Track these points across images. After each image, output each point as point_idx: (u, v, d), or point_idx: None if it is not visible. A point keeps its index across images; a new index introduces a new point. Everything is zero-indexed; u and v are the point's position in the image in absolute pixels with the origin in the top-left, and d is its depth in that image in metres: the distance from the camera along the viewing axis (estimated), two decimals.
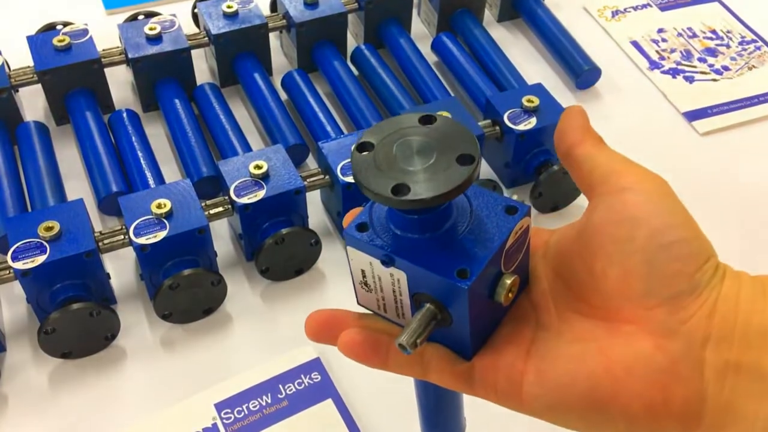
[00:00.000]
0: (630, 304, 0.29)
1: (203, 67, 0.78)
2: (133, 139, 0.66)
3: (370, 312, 0.34)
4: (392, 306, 0.32)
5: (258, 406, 0.51)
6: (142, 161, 0.64)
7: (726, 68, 0.80)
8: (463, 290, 0.28)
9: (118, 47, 0.71)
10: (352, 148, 0.30)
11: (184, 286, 0.54)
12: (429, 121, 0.30)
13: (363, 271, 0.32)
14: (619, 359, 0.28)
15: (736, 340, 0.28)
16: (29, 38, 0.69)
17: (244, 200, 0.56)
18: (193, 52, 0.73)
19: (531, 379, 0.30)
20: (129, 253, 0.60)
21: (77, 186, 0.66)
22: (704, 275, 0.28)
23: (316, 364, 0.54)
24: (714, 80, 0.79)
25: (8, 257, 0.51)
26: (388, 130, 0.30)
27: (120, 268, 0.60)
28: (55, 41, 0.68)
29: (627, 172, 0.31)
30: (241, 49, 0.73)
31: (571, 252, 0.31)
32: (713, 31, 0.85)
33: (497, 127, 0.64)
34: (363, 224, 0.31)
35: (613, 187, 0.30)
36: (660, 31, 0.85)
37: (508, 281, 0.30)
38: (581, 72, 0.75)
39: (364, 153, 0.29)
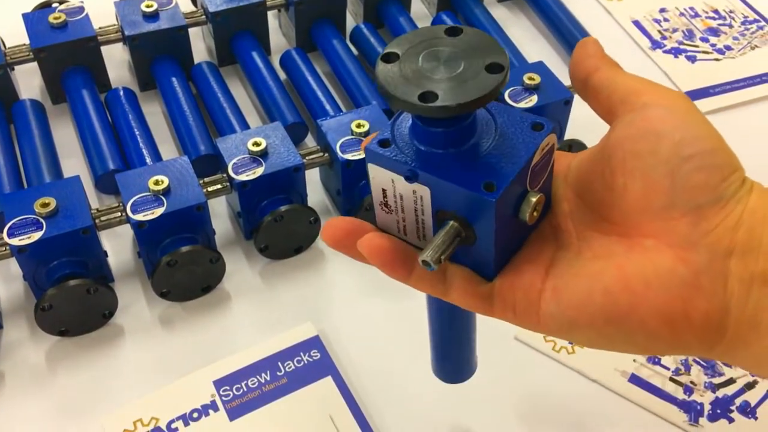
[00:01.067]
0: (651, 217, 0.29)
1: (201, 47, 0.77)
2: (130, 117, 0.66)
3: None
4: (413, 227, 0.32)
5: (257, 384, 0.51)
6: (139, 139, 0.64)
7: (728, 48, 0.79)
8: (490, 203, 0.28)
9: (114, 25, 0.70)
10: (378, 58, 0.29)
11: (183, 263, 0.53)
12: (456, 32, 0.29)
13: (384, 191, 0.31)
14: (638, 273, 0.28)
15: (762, 252, 0.27)
16: (25, 15, 0.68)
17: (243, 177, 0.55)
18: (191, 31, 0.72)
19: (548, 297, 0.29)
20: (126, 231, 0.60)
21: (74, 164, 0.66)
22: (729, 187, 0.28)
23: (315, 342, 0.53)
24: (716, 60, 0.78)
25: (4, 233, 0.51)
26: (414, 41, 0.29)
27: (117, 246, 0.60)
28: (50, 19, 0.67)
29: (647, 91, 0.30)
30: (239, 28, 0.73)
31: (592, 171, 0.31)
32: (715, 11, 0.84)
33: None
34: (385, 140, 0.30)
35: (633, 105, 0.30)
36: (662, 10, 0.84)
37: (534, 199, 0.30)
38: None
39: (390, 64, 0.28)
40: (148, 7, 0.69)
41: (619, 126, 0.30)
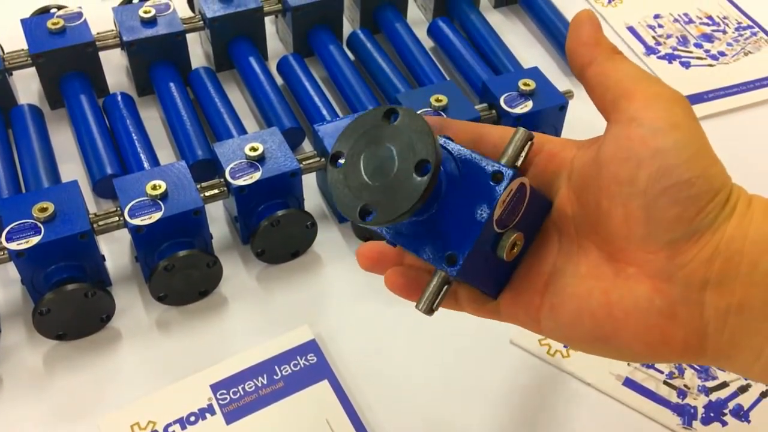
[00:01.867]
0: (632, 246, 0.30)
1: (198, 52, 0.78)
2: (128, 122, 0.66)
3: None
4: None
5: (254, 387, 0.51)
6: (137, 144, 0.64)
7: (722, 54, 0.80)
8: (453, 275, 0.30)
9: (112, 30, 0.70)
10: (327, 161, 0.31)
11: (180, 267, 0.53)
12: (392, 117, 0.30)
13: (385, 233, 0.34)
14: (619, 302, 0.29)
15: (739, 282, 0.27)
16: (23, 21, 0.69)
17: (240, 182, 0.56)
18: (189, 37, 0.72)
19: (546, 315, 0.32)
20: (124, 235, 0.60)
21: (72, 169, 0.66)
22: (705, 218, 0.28)
23: (311, 346, 0.54)
24: (710, 66, 0.79)
25: (3, 238, 0.51)
26: (355, 135, 0.30)
27: (115, 251, 0.60)
28: (49, 24, 0.68)
29: (638, 96, 0.29)
30: (236, 33, 0.73)
31: (588, 180, 0.31)
32: (709, 17, 0.85)
33: (494, 111, 0.64)
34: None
35: (622, 115, 0.29)
36: (656, 16, 0.85)
37: (507, 242, 0.31)
38: None
39: (337, 167, 0.30)
40: (146, 12, 0.70)
41: (608, 140, 0.30)
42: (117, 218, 0.54)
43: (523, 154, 0.31)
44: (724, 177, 0.29)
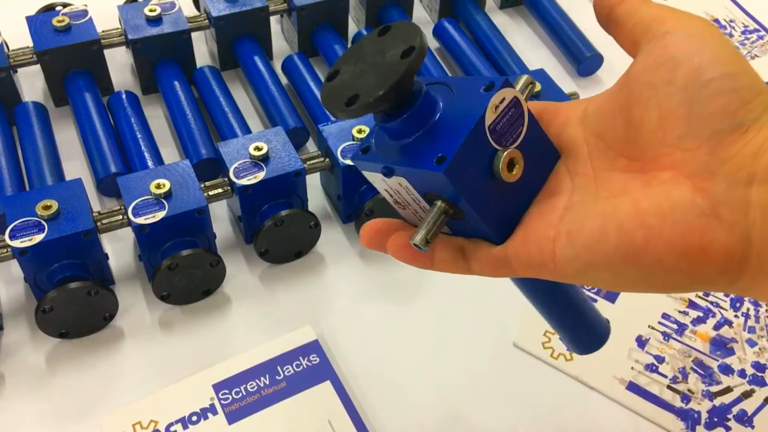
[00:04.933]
0: (668, 148, 0.28)
1: (203, 50, 0.78)
2: (132, 120, 0.66)
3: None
4: (420, 213, 0.33)
5: (256, 387, 0.51)
6: (141, 143, 0.64)
7: None
8: (440, 175, 0.28)
9: (117, 28, 0.70)
10: (324, 80, 0.31)
11: (183, 266, 0.53)
12: (385, 31, 0.31)
13: (387, 191, 0.33)
14: (653, 207, 0.27)
15: None
16: (29, 18, 0.69)
17: (244, 182, 0.56)
18: (194, 35, 0.72)
19: (562, 243, 0.29)
20: (127, 234, 0.60)
21: (76, 167, 0.66)
22: (751, 112, 0.26)
23: (314, 346, 0.54)
24: None
25: (6, 235, 0.51)
26: (351, 53, 0.31)
27: (118, 250, 0.60)
28: (54, 22, 0.68)
29: (670, 18, 0.29)
30: (241, 32, 0.73)
31: (611, 109, 0.30)
32: (716, 20, 0.84)
33: None
34: (366, 147, 0.32)
35: (655, 34, 0.29)
36: None
37: (503, 156, 0.30)
38: (583, 59, 0.75)
39: (330, 81, 0.31)
40: (151, 11, 0.70)
41: (639, 57, 0.29)
42: (121, 217, 0.54)
43: (525, 93, 0.31)
44: (763, 84, 0.28)
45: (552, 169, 0.32)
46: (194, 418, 0.50)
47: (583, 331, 0.39)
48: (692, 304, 0.57)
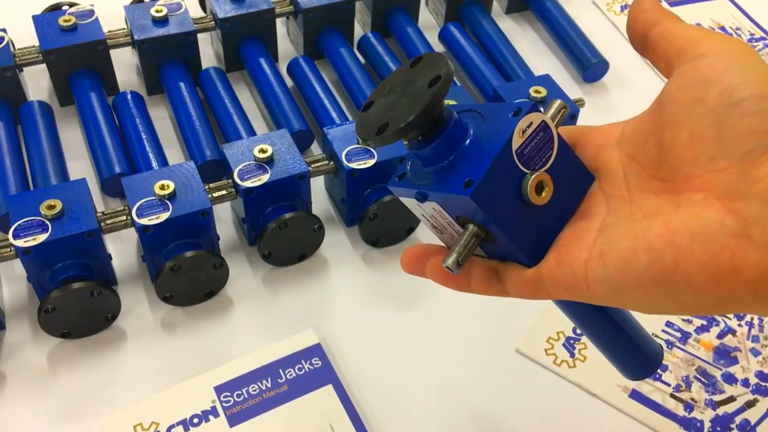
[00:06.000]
0: (699, 169, 0.28)
1: (209, 52, 0.78)
2: (137, 121, 0.66)
3: None
4: (456, 236, 0.34)
5: (258, 390, 0.51)
6: (146, 143, 0.64)
7: None
8: (467, 199, 0.29)
9: (123, 29, 0.70)
10: (360, 111, 0.32)
11: (186, 268, 0.53)
12: (416, 62, 0.32)
13: (423, 216, 0.34)
14: (683, 228, 0.27)
15: None
16: (35, 18, 0.69)
17: (248, 184, 0.56)
18: (200, 37, 0.72)
19: (594, 264, 0.29)
20: (131, 234, 0.60)
21: (80, 167, 0.66)
22: None
23: (316, 350, 0.53)
24: None
25: (9, 235, 0.51)
26: (384, 85, 0.32)
27: (122, 250, 0.60)
28: (60, 21, 0.68)
29: (704, 40, 0.30)
30: (247, 34, 0.73)
31: (645, 130, 0.31)
32: (722, 28, 0.84)
33: None
34: (402, 174, 0.34)
35: (688, 56, 0.29)
36: None
37: (531, 179, 0.31)
38: (589, 65, 0.75)
39: (365, 112, 0.32)
40: (157, 11, 0.70)
41: (672, 79, 0.30)
42: (124, 217, 0.54)
43: (557, 118, 0.32)
44: None
45: (585, 191, 0.33)
46: (195, 421, 0.50)
47: (632, 356, 0.38)
48: None
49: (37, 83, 0.73)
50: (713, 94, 0.28)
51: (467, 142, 0.31)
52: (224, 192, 0.57)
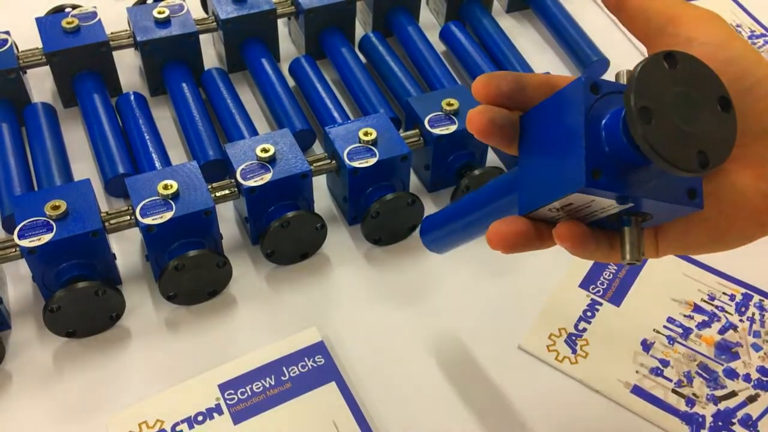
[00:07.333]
0: None
1: (211, 52, 0.78)
2: (141, 122, 0.67)
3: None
4: (582, 215, 0.33)
5: (261, 388, 0.51)
6: (149, 144, 0.65)
7: None
8: (692, 209, 0.32)
9: (126, 30, 0.71)
10: (634, 115, 0.27)
11: (190, 267, 0.54)
12: (672, 59, 0.29)
13: (568, 203, 0.32)
14: (726, 197, 0.32)
15: None
16: (38, 20, 0.69)
17: (251, 183, 0.56)
18: (202, 37, 0.73)
19: (659, 238, 0.35)
20: (135, 234, 0.60)
21: (84, 168, 0.66)
22: None
23: (319, 347, 0.54)
24: None
25: (15, 235, 0.51)
26: (652, 88, 0.28)
27: (126, 250, 0.60)
28: (63, 23, 0.68)
29: (683, 18, 0.32)
30: (249, 35, 0.73)
31: None
32: None
33: None
34: (596, 171, 0.30)
35: (676, 39, 0.32)
36: None
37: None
38: (589, 62, 0.75)
39: (649, 124, 0.28)
40: (160, 13, 0.70)
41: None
42: (128, 217, 0.55)
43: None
44: None
45: None
46: (200, 418, 0.50)
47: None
48: (697, 309, 0.57)
49: (40, 85, 0.73)
50: (726, 81, 0.30)
51: None
52: (227, 191, 0.57)
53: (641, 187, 0.31)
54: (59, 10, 0.75)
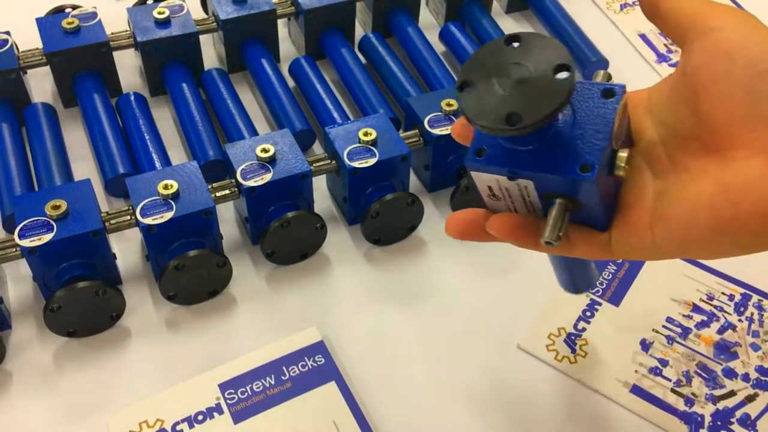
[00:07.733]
0: (738, 131, 0.31)
1: (211, 53, 0.78)
2: (141, 122, 0.67)
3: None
4: (522, 206, 0.35)
5: (261, 387, 0.52)
6: (149, 144, 0.65)
7: None
8: (591, 183, 0.31)
9: (126, 31, 0.71)
10: (455, 87, 0.31)
11: (190, 267, 0.54)
12: (513, 41, 0.31)
13: (489, 187, 0.35)
14: (734, 184, 0.31)
15: None
16: (38, 20, 0.69)
17: (251, 183, 0.56)
18: (202, 38, 0.73)
19: (658, 227, 0.33)
20: (135, 234, 0.60)
21: (84, 168, 0.66)
22: None
23: (319, 347, 0.54)
24: None
25: (15, 235, 0.51)
26: (479, 63, 0.31)
27: (126, 250, 0.60)
28: (64, 23, 0.68)
29: (712, 14, 0.33)
30: (249, 35, 0.74)
31: (676, 98, 0.34)
32: None
33: None
34: (481, 150, 0.33)
35: (701, 31, 0.33)
36: None
37: (624, 155, 0.32)
38: (588, 63, 0.75)
39: (465, 92, 0.31)
40: (160, 13, 0.70)
41: (692, 53, 0.33)
42: (128, 217, 0.55)
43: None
44: None
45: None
46: (200, 418, 0.50)
47: (584, 280, 0.46)
48: (696, 308, 0.58)
49: (41, 85, 0.74)
50: (739, 66, 0.31)
51: (564, 121, 0.32)
52: (227, 191, 0.57)
53: (529, 163, 0.32)
54: (59, 11, 0.75)
